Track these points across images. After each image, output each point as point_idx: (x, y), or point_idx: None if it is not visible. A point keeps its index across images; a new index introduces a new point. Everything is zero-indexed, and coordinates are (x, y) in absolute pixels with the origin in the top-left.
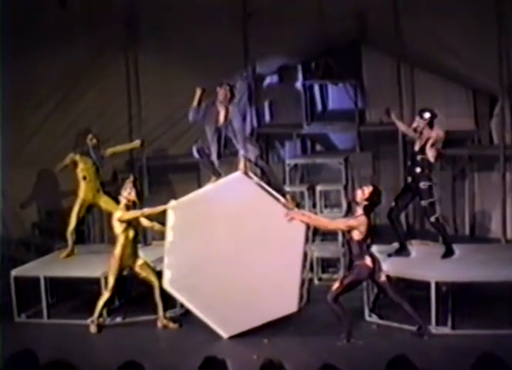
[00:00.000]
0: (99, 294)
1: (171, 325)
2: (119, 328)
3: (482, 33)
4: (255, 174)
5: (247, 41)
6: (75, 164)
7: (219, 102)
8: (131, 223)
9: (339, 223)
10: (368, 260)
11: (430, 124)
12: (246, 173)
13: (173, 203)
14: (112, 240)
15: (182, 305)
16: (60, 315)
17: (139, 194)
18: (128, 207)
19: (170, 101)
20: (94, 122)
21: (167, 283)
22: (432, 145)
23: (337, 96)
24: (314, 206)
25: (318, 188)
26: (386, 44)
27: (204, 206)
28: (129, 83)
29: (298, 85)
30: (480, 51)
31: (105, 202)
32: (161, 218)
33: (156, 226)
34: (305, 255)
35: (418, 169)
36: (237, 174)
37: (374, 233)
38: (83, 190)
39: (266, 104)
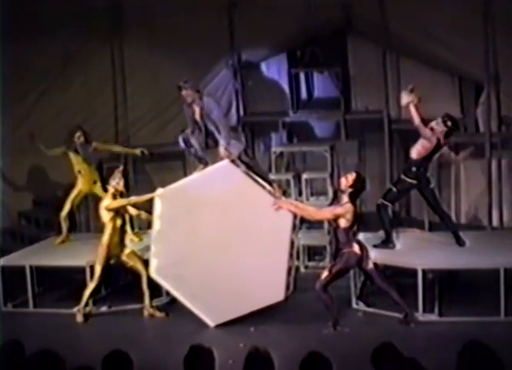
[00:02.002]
0: (84, 284)
1: (157, 314)
2: (105, 317)
3: (468, 21)
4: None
5: (233, 29)
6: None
7: (191, 103)
8: (119, 212)
9: (326, 213)
10: (356, 248)
11: (447, 134)
12: (233, 161)
13: (160, 191)
14: (99, 229)
15: (168, 294)
16: (46, 304)
17: (127, 185)
18: (115, 196)
19: (156, 90)
20: (80, 111)
21: (154, 271)
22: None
23: (322, 84)
24: (300, 194)
25: (304, 176)
26: (372, 32)
27: (191, 194)
28: (115, 72)
29: (284, 73)
30: (466, 39)
31: (100, 190)
32: (148, 206)
33: (143, 214)
34: (292, 243)
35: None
36: (225, 162)
37: (360, 221)
38: (80, 182)
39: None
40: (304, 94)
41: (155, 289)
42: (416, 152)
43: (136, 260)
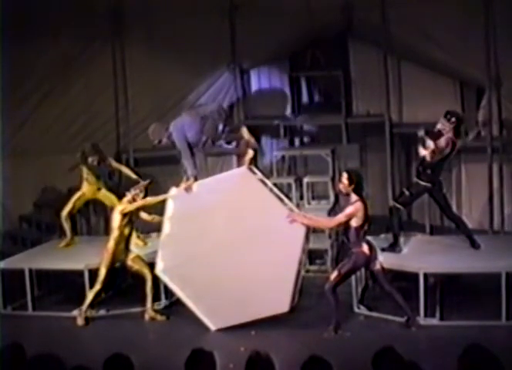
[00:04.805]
0: (83, 287)
1: (159, 317)
2: (105, 321)
3: (469, 25)
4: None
5: (234, 33)
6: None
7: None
8: (130, 220)
9: (339, 218)
10: (365, 248)
11: (456, 131)
12: (250, 169)
13: (173, 191)
14: (100, 232)
15: (167, 297)
16: (46, 307)
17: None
18: (129, 203)
19: (157, 93)
20: (81, 114)
21: (160, 271)
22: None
23: (324, 88)
24: (301, 198)
25: (306, 180)
26: (373, 35)
27: (205, 197)
28: (116, 75)
29: (285, 77)
30: (467, 43)
31: (104, 196)
32: (158, 210)
33: (156, 218)
34: (303, 255)
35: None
36: (242, 169)
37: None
38: (85, 186)
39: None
40: (305, 98)
41: (155, 292)
42: (430, 154)
43: (142, 265)
